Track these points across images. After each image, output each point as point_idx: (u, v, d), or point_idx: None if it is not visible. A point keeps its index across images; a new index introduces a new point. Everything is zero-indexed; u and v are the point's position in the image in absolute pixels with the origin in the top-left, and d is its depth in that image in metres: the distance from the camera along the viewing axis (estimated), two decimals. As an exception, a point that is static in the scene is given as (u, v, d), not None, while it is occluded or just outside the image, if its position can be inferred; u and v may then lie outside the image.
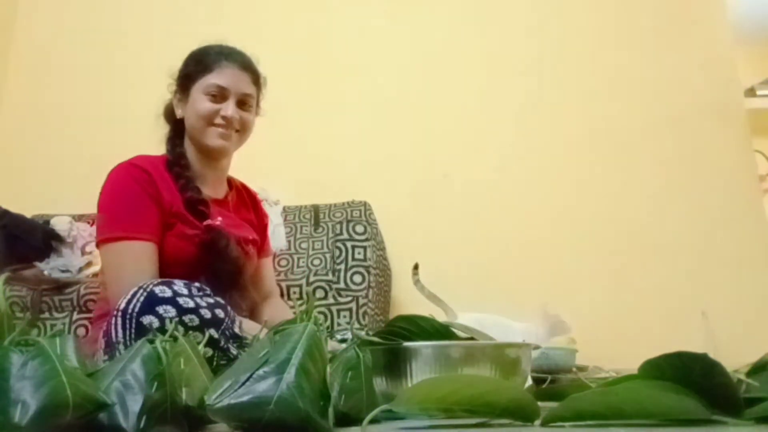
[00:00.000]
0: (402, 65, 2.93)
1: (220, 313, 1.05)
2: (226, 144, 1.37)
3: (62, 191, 2.75)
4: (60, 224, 2.47)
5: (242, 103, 1.38)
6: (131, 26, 3.09)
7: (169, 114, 1.42)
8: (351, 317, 2.10)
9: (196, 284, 1.08)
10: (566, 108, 2.80)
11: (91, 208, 2.62)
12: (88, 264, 2.37)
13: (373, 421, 0.71)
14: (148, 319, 0.99)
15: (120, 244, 1.22)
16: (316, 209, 2.58)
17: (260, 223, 1.56)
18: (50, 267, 2.28)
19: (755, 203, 2.69)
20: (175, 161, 1.35)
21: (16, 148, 2.96)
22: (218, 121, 1.34)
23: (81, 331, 2.11)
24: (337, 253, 2.31)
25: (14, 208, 2.47)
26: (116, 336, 1.00)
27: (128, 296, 1.03)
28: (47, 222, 2.51)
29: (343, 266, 2.28)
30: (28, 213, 2.56)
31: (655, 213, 2.66)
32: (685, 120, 2.74)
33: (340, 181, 2.70)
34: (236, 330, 1.08)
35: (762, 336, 2.30)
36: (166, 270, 1.23)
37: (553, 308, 1.52)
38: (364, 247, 2.33)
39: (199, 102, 1.34)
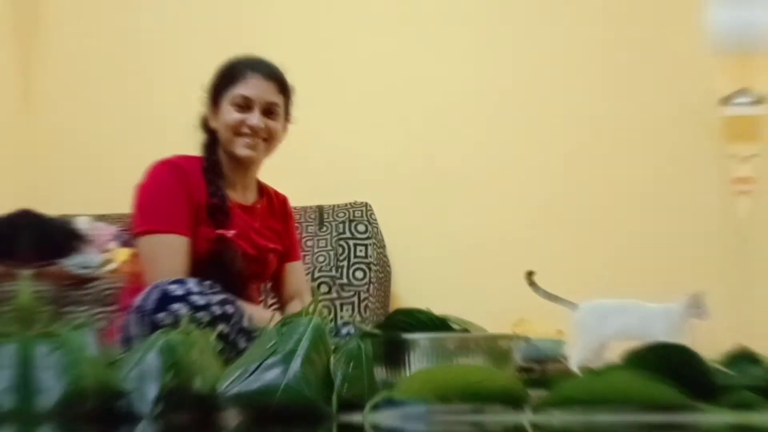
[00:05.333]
0: (404, 66, 2.91)
1: (229, 308, 1.05)
2: (252, 153, 1.35)
3: (84, 192, 2.75)
4: (81, 224, 2.48)
5: (268, 111, 1.35)
6: (152, 28, 3.05)
7: (204, 124, 1.41)
8: (353, 311, 2.10)
9: (207, 282, 1.08)
10: (541, 115, 2.77)
11: (112, 208, 2.63)
12: (107, 261, 2.38)
13: (373, 408, 0.71)
14: (161, 317, 0.98)
15: (157, 236, 1.22)
16: (320, 210, 2.58)
17: (288, 228, 1.52)
18: (72, 264, 2.28)
19: (728, 205, 2.69)
20: (210, 168, 1.34)
21: (43, 153, 2.96)
22: (244, 130, 1.32)
23: (101, 324, 2.11)
24: (340, 250, 2.31)
25: (39, 209, 2.47)
26: (131, 332, 1.00)
27: (143, 294, 1.03)
28: (69, 222, 2.51)
29: (345, 263, 2.28)
30: (52, 213, 2.56)
31: (630, 218, 2.64)
32: (662, 128, 2.73)
33: (343, 183, 2.70)
34: (245, 324, 1.08)
35: (740, 337, 2.29)
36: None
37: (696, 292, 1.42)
38: (366, 245, 2.34)
39: (227, 113, 1.32)
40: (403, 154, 2.80)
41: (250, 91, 1.33)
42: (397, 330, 0.81)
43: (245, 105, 1.32)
